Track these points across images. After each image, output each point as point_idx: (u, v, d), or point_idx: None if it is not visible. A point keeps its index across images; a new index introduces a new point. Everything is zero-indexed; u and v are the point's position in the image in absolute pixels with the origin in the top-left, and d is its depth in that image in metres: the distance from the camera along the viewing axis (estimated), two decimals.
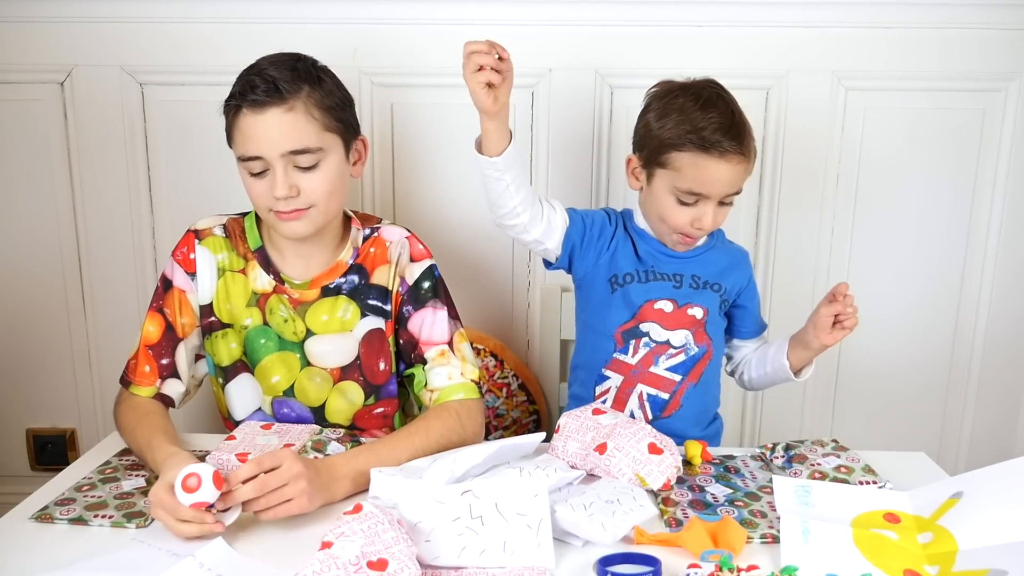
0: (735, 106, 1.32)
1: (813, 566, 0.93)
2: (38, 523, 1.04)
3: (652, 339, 1.38)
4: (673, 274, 1.39)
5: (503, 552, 0.94)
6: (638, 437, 1.15)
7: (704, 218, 1.31)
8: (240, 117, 1.19)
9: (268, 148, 1.18)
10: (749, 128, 1.32)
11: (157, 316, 1.29)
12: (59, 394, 1.88)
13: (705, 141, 1.27)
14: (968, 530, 0.96)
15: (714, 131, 1.27)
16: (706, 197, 1.30)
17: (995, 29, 1.65)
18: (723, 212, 1.33)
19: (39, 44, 1.70)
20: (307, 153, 1.19)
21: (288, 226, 1.23)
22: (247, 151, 1.20)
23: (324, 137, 1.21)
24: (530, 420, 1.68)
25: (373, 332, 1.31)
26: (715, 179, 1.28)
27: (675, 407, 1.39)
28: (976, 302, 1.79)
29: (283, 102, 1.17)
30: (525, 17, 1.66)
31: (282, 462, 1.01)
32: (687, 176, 1.29)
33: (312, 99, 1.19)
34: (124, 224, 1.78)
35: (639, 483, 1.12)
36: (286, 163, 1.19)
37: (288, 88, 1.17)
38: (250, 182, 1.22)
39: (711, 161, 1.27)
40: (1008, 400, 1.85)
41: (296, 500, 1.01)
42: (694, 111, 1.29)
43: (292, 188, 1.19)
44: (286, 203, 1.20)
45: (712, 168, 1.28)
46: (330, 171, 1.22)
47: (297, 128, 1.18)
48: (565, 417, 1.22)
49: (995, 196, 1.74)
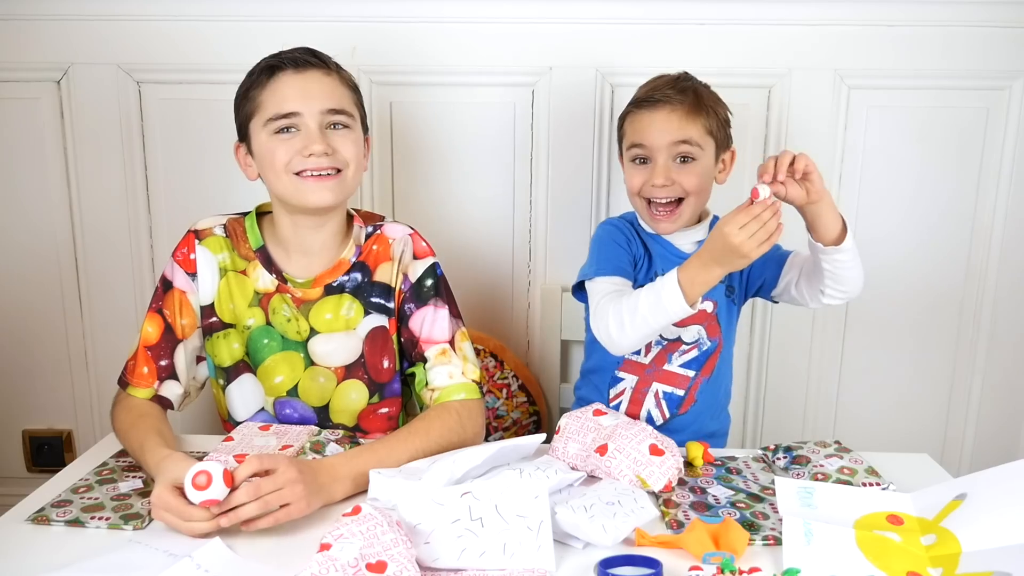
0: (695, 82, 1.36)
1: (815, 568, 0.92)
2: (34, 525, 1.03)
3: (664, 337, 1.37)
4: None
5: (503, 554, 0.94)
6: (639, 438, 1.14)
7: (656, 174, 1.32)
8: (277, 78, 1.22)
9: (308, 104, 1.21)
10: (703, 90, 1.34)
11: (156, 317, 1.29)
12: (56, 395, 1.87)
13: (644, 97, 1.34)
14: (972, 532, 0.95)
15: (654, 88, 1.34)
16: (653, 150, 1.32)
17: (999, 27, 1.65)
18: (686, 171, 1.32)
19: (36, 42, 1.69)
20: (343, 114, 1.24)
21: (315, 192, 1.22)
22: (283, 108, 1.21)
23: (354, 108, 1.27)
24: (530, 421, 1.67)
25: (377, 330, 1.31)
26: (652, 127, 1.32)
27: (691, 403, 1.39)
28: (980, 300, 1.79)
29: (324, 66, 1.24)
30: (525, 15, 1.66)
31: (278, 466, 1.01)
32: (631, 132, 1.35)
33: (342, 76, 1.27)
34: (121, 224, 1.78)
35: (640, 484, 1.11)
36: (321, 121, 1.22)
37: (325, 59, 1.25)
38: (276, 143, 1.22)
39: (647, 112, 1.33)
40: (1012, 401, 1.84)
41: (293, 505, 1.00)
42: (648, 84, 1.37)
43: (328, 145, 1.21)
44: (319, 160, 1.21)
45: (648, 118, 1.32)
46: (358, 139, 1.27)
47: (336, 90, 1.24)
48: (565, 418, 1.22)
49: (999, 195, 1.73)
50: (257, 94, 1.23)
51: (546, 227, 1.76)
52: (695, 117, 1.31)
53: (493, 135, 1.72)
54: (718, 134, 1.34)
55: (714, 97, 1.35)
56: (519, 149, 1.73)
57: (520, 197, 1.76)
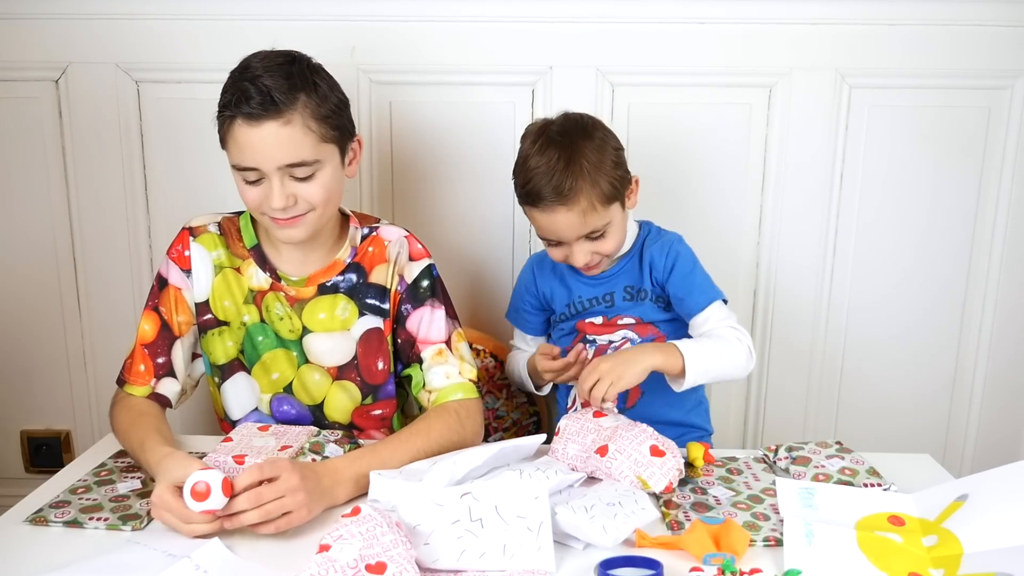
0: (571, 148, 1.27)
1: (817, 569, 0.92)
2: (33, 526, 1.03)
3: (596, 342, 1.40)
4: (604, 295, 1.40)
5: (503, 555, 0.94)
6: (640, 440, 1.14)
7: (573, 257, 1.32)
8: (234, 127, 1.16)
9: (264, 161, 1.16)
10: (579, 171, 1.26)
11: (153, 315, 1.28)
12: (54, 395, 1.87)
13: (530, 196, 1.29)
14: (974, 533, 0.95)
15: (536, 184, 1.27)
16: (562, 241, 1.31)
17: (1000, 26, 1.64)
18: (601, 244, 1.32)
19: (34, 41, 1.69)
20: (304, 166, 1.17)
21: (285, 232, 1.22)
22: (242, 162, 1.17)
23: (321, 149, 1.19)
24: (530, 422, 1.67)
25: (371, 331, 1.31)
26: (553, 229, 1.31)
27: (637, 395, 1.40)
28: (982, 301, 1.78)
29: (279, 115, 1.14)
30: (526, 14, 1.65)
31: (280, 473, 1.00)
32: (536, 225, 1.34)
33: (308, 109, 1.16)
34: (120, 223, 1.77)
35: (641, 485, 1.11)
36: (282, 175, 1.17)
37: (284, 99, 1.14)
38: (245, 188, 1.20)
39: (543, 214, 1.29)
40: (1014, 401, 1.84)
41: (295, 513, 1.00)
42: (528, 161, 1.30)
43: (289, 198, 1.18)
44: (284, 212, 1.19)
45: (547, 220, 1.30)
46: (326, 179, 1.20)
47: (294, 142, 1.15)
48: (565, 419, 1.22)
49: (1000, 195, 1.73)
50: (222, 129, 1.19)
51: None
52: (593, 210, 1.27)
53: (493, 135, 1.71)
54: (610, 193, 1.30)
55: (594, 172, 1.27)
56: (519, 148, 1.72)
57: None
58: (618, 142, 1.34)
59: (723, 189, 1.72)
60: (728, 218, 1.73)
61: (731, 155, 1.71)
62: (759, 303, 1.78)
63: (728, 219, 1.73)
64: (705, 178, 1.72)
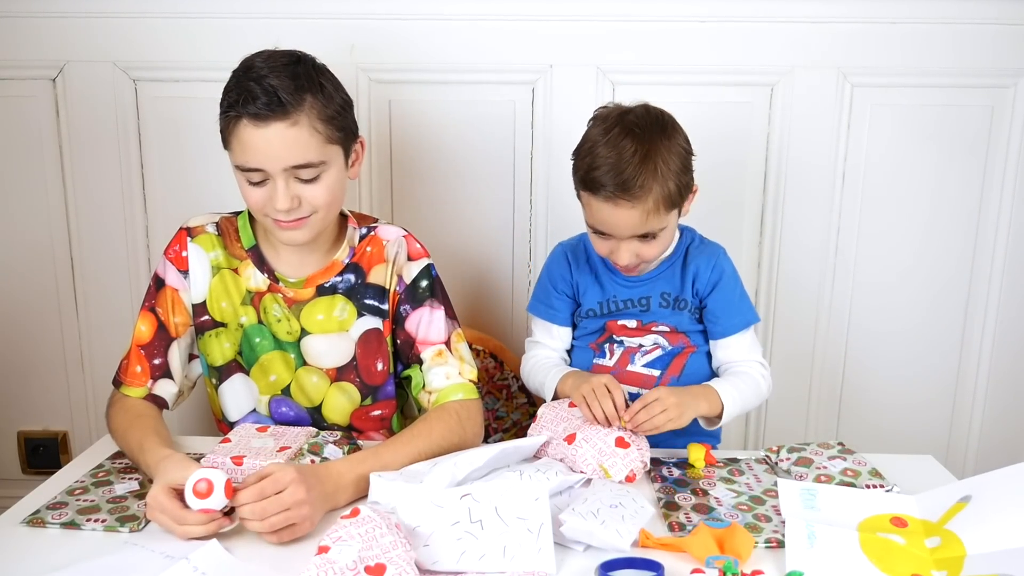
0: (648, 144, 1.22)
1: (819, 571, 0.92)
2: (30, 527, 1.03)
3: (625, 344, 1.38)
4: (640, 299, 1.36)
5: (503, 556, 0.93)
6: (608, 431, 1.17)
7: (618, 254, 1.28)
8: (240, 127, 1.14)
9: (270, 163, 1.14)
10: (653, 169, 1.22)
11: (149, 315, 1.28)
12: (51, 396, 1.86)
13: (594, 183, 1.23)
14: (976, 534, 0.95)
15: (604, 173, 1.22)
16: (613, 235, 1.28)
17: (1003, 24, 1.64)
18: (648, 246, 1.28)
19: (30, 40, 1.68)
20: (309, 167, 1.16)
21: (287, 234, 1.21)
22: (247, 163, 1.16)
23: (326, 150, 1.18)
24: (530, 422, 1.66)
25: (370, 332, 1.30)
26: (609, 222, 1.26)
27: None
28: (984, 301, 1.78)
29: (286, 116, 1.13)
30: (526, 12, 1.65)
31: (285, 487, 0.99)
32: (590, 213, 1.28)
33: (315, 110, 1.15)
34: (117, 223, 1.76)
35: (603, 474, 1.13)
36: (287, 176, 1.16)
37: (291, 100, 1.13)
38: (248, 190, 1.19)
39: (603, 204, 1.24)
40: (1017, 402, 1.83)
41: (299, 525, 1.00)
42: (597, 147, 1.24)
43: (294, 200, 1.17)
44: (287, 214, 1.18)
45: (606, 211, 1.24)
46: (331, 181, 1.19)
47: (300, 143, 1.14)
48: (543, 408, 1.25)
49: (1003, 194, 1.72)
50: (226, 129, 1.17)
51: (546, 226, 1.75)
52: (652, 213, 1.24)
53: (493, 133, 1.71)
54: (676, 198, 1.27)
55: (658, 175, 1.23)
56: (519, 147, 1.72)
57: (520, 195, 1.75)
58: (691, 147, 1.30)
59: (724, 188, 1.72)
60: (729, 217, 1.73)
61: (732, 154, 1.70)
62: (761, 303, 1.77)
63: (729, 218, 1.73)
64: (706, 177, 1.71)
